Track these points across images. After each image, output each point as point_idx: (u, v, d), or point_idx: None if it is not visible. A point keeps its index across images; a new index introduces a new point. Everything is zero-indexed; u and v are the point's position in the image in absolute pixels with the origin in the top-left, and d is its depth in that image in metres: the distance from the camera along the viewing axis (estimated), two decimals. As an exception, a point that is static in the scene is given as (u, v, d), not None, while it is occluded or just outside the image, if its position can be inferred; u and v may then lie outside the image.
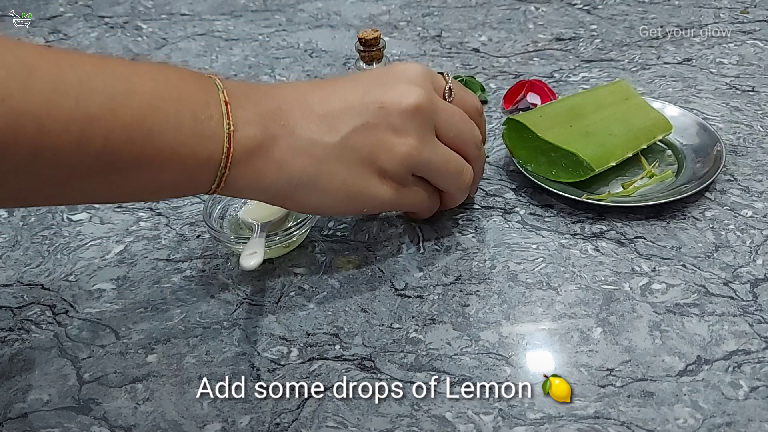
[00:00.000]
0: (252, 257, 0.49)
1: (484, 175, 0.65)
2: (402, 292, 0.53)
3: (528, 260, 0.55)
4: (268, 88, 0.43)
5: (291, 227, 0.55)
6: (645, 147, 0.64)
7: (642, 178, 0.62)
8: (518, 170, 0.63)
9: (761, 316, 0.49)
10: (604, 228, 0.58)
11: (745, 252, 0.55)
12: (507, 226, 0.59)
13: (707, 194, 0.60)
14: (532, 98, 0.73)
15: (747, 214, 0.58)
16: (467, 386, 0.46)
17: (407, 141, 0.44)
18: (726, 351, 0.47)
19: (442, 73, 0.49)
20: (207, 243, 0.59)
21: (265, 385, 0.47)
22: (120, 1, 1.07)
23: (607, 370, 0.46)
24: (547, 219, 0.59)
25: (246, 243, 0.53)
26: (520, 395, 0.45)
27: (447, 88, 0.48)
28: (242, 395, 0.46)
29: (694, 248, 0.55)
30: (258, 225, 0.54)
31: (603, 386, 0.45)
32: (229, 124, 0.39)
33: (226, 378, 0.47)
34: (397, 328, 0.50)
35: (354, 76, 0.45)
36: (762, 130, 0.68)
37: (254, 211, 0.57)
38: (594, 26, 0.91)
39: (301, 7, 1.01)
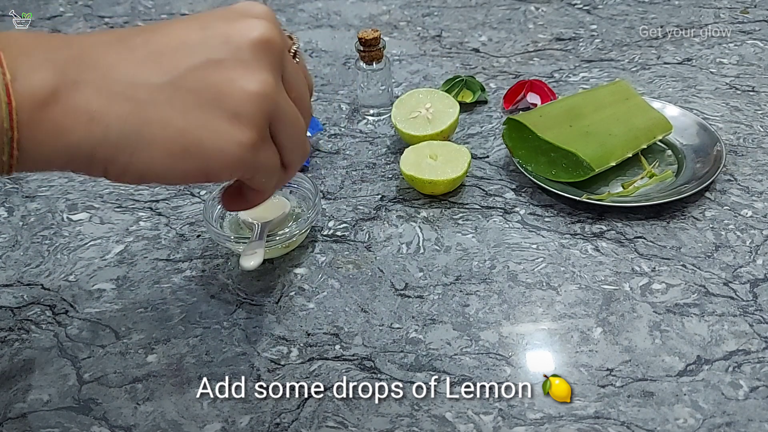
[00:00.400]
0: (252, 257, 0.49)
1: (484, 175, 0.65)
2: (402, 292, 0.53)
3: (528, 260, 0.55)
4: (72, 36, 0.35)
5: (291, 227, 0.55)
6: (645, 147, 0.64)
7: (642, 178, 0.62)
8: (518, 170, 0.63)
9: (761, 316, 0.49)
10: (604, 228, 0.58)
11: (745, 252, 0.55)
12: (507, 226, 0.59)
13: (707, 194, 0.60)
14: (532, 98, 0.73)
15: (747, 214, 0.58)
16: (467, 386, 0.46)
17: (261, 76, 0.36)
18: (726, 351, 0.47)
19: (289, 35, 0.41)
20: (207, 243, 0.59)
21: (265, 385, 0.47)
22: (120, 1, 1.07)
23: (607, 370, 0.46)
24: (547, 219, 0.59)
25: (246, 243, 0.53)
26: (520, 395, 0.45)
27: (295, 48, 0.40)
28: (242, 395, 0.46)
29: (694, 248, 0.55)
30: (258, 225, 0.54)
31: (603, 386, 0.45)
32: (3, 73, 0.31)
33: (226, 378, 0.47)
34: (397, 328, 0.50)
35: (189, 16, 0.37)
36: (762, 130, 0.68)
37: (254, 211, 0.57)
38: (594, 26, 0.91)
39: (301, 7, 1.01)
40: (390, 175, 0.66)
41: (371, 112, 0.75)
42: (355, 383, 0.46)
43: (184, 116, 0.35)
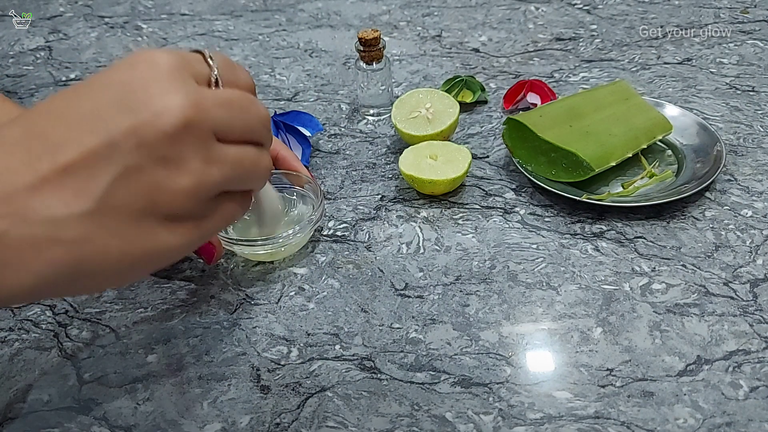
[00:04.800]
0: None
1: (484, 175, 0.65)
2: (402, 292, 0.53)
3: (528, 260, 0.55)
4: None
5: (295, 229, 0.55)
6: (645, 147, 0.64)
7: (642, 178, 0.62)
8: (518, 170, 0.63)
9: (761, 316, 0.49)
10: (604, 228, 0.58)
11: (745, 252, 0.55)
12: (507, 226, 0.59)
13: (707, 194, 0.60)
14: (532, 98, 0.73)
15: (747, 214, 0.58)
16: (467, 386, 0.46)
17: (189, 169, 0.32)
18: (726, 351, 0.47)
19: (199, 52, 0.35)
20: (207, 243, 0.59)
21: (265, 385, 0.47)
22: (120, 1, 1.07)
23: (607, 370, 0.46)
24: (547, 219, 0.59)
25: (245, 243, 0.53)
26: (520, 395, 0.45)
27: (214, 77, 0.35)
28: (242, 395, 0.46)
29: (694, 248, 0.55)
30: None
31: (603, 386, 0.45)
32: None
33: (226, 378, 0.47)
34: (397, 328, 0.50)
35: (74, 94, 0.31)
36: (762, 130, 0.68)
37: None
38: (594, 26, 0.91)
39: (301, 7, 1.01)
40: (390, 175, 0.66)
41: (371, 112, 0.75)
42: (355, 383, 0.46)
43: (120, 238, 0.31)
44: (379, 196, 0.63)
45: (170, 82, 0.31)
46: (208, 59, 0.35)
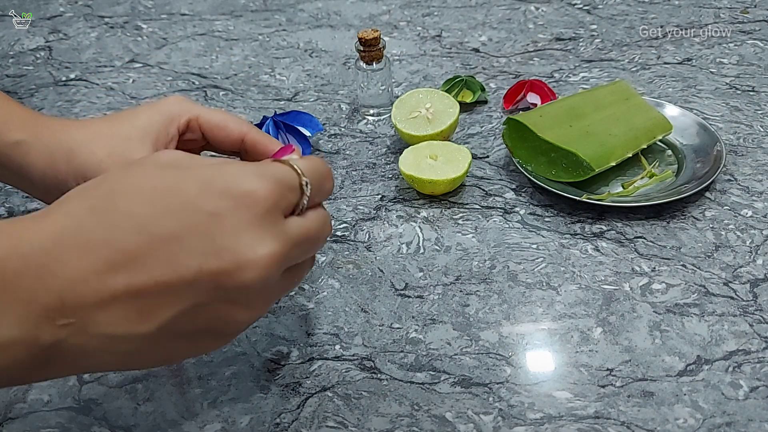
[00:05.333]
0: None
1: (484, 175, 0.65)
2: (402, 292, 0.53)
3: (528, 260, 0.55)
4: (39, 268, 0.28)
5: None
6: (645, 147, 0.64)
7: (642, 178, 0.62)
8: (518, 170, 0.63)
9: (761, 316, 0.49)
10: (604, 228, 0.58)
11: (745, 252, 0.55)
12: (507, 226, 0.59)
13: (707, 194, 0.60)
14: (532, 98, 0.73)
15: (747, 214, 0.58)
16: (467, 386, 0.46)
17: (251, 309, 0.32)
18: (726, 351, 0.47)
19: (295, 170, 0.33)
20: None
21: (265, 385, 0.47)
22: (120, 1, 1.07)
23: (607, 370, 0.46)
24: (547, 219, 0.59)
25: None
26: (520, 395, 0.45)
27: (303, 203, 0.34)
28: (242, 395, 0.46)
29: (694, 248, 0.55)
30: None
31: (603, 386, 0.45)
32: None
33: (226, 378, 0.47)
34: (397, 328, 0.50)
35: (161, 202, 0.30)
36: (762, 130, 0.68)
37: None
38: (594, 26, 0.91)
39: (301, 7, 1.01)
40: (390, 175, 0.66)
41: (371, 112, 0.75)
42: (355, 383, 0.46)
43: (169, 352, 0.32)
44: (379, 196, 0.63)
45: (262, 229, 0.30)
46: (303, 186, 0.34)
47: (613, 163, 0.61)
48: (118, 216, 0.29)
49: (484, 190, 0.63)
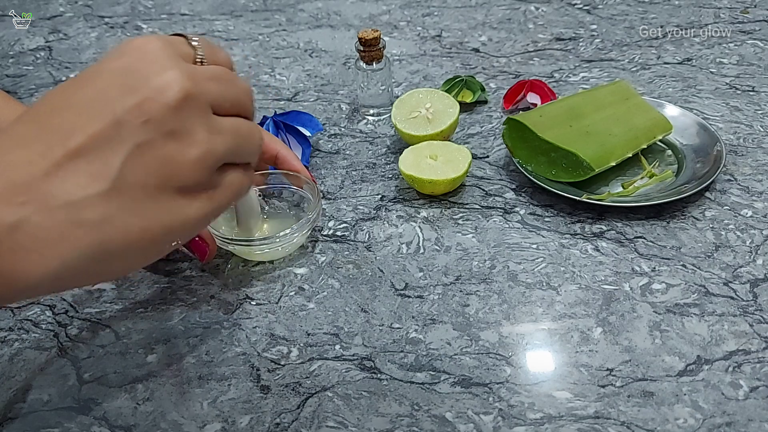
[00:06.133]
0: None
1: (484, 175, 0.65)
2: (402, 292, 0.53)
3: (528, 260, 0.55)
4: None
5: (292, 228, 0.55)
6: (645, 147, 0.64)
7: (642, 178, 0.62)
8: (518, 170, 0.63)
9: (761, 316, 0.49)
10: (604, 228, 0.58)
11: (745, 252, 0.55)
12: (507, 226, 0.59)
13: (707, 194, 0.60)
14: (532, 98, 0.73)
15: (747, 214, 0.58)
16: (467, 386, 0.46)
17: (196, 139, 0.33)
18: (726, 351, 0.47)
19: (180, 35, 0.37)
20: (207, 243, 0.59)
21: (265, 385, 0.47)
22: (120, 1, 1.07)
23: (607, 370, 0.46)
24: (547, 219, 0.59)
25: (244, 243, 0.53)
26: (520, 395, 0.45)
27: (198, 57, 0.36)
28: (242, 395, 0.46)
29: (694, 248, 0.55)
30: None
31: (603, 386, 0.45)
32: None
33: (226, 378, 0.47)
34: (397, 328, 0.50)
35: (75, 85, 0.32)
36: (762, 130, 0.68)
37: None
38: (594, 26, 0.91)
39: (301, 7, 1.01)
40: (390, 175, 0.66)
41: (371, 112, 0.75)
42: (355, 383, 0.46)
43: (139, 215, 0.32)
44: (379, 196, 0.63)
45: (164, 61, 0.33)
46: (192, 41, 0.37)
47: (613, 163, 0.61)
48: (42, 109, 0.32)
49: (484, 190, 0.63)
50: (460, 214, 0.60)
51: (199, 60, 0.37)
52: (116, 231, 0.32)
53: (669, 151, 0.66)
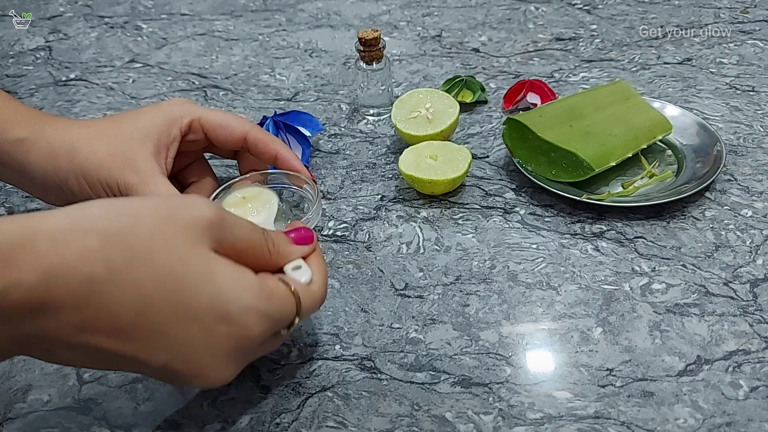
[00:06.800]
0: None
1: (484, 175, 0.65)
2: (402, 292, 0.53)
3: (528, 260, 0.55)
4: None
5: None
6: (645, 147, 0.64)
7: (642, 178, 0.62)
8: (518, 170, 0.63)
9: (761, 316, 0.49)
10: (604, 228, 0.58)
11: (745, 252, 0.55)
12: (507, 226, 0.59)
13: (707, 194, 0.60)
14: (532, 98, 0.73)
15: (747, 214, 0.58)
16: (467, 386, 0.46)
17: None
18: (726, 351, 0.47)
19: (297, 312, 0.38)
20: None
21: (265, 385, 0.47)
22: (120, 1, 1.07)
23: (607, 370, 0.46)
24: (547, 219, 0.59)
25: None
26: (520, 395, 0.45)
27: (295, 323, 0.38)
28: (242, 395, 0.46)
29: (694, 248, 0.55)
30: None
31: (603, 386, 0.45)
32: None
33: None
34: (397, 328, 0.50)
35: (164, 288, 0.32)
36: (762, 130, 0.68)
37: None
38: (594, 26, 0.91)
39: (301, 7, 1.01)
40: (390, 175, 0.66)
41: (371, 112, 0.75)
42: (355, 383, 0.46)
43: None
44: (379, 196, 0.63)
45: (236, 361, 0.36)
46: (294, 323, 0.38)
47: (613, 163, 0.61)
48: (128, 284, 0.31)
49: (484, 190, 0.63)
50: (460, 214, 0.60)
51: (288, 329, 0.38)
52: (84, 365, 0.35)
53: (669, 151, 0.66)
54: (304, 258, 0.42)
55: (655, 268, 0.54)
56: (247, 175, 0.56)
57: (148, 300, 0.31)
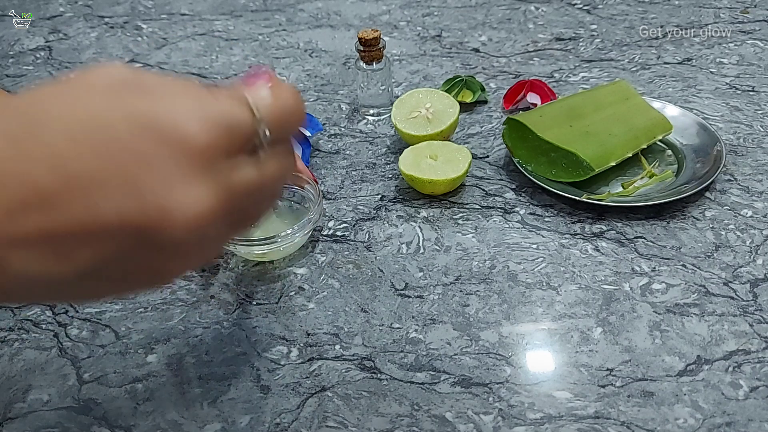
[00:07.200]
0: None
1: (484, 175, 0.65)
2: (402, 292, 0.53)
3: (528, 260, 0.55)
4: None
5: (294, 228, 0.55)
6: (645, 147, 0.64)
7: (642, 178, 0.62)
8: (518, 170, 0.63)
9: (761, 316, 0.49)
10: (604, 228, 0.58)
11: (745, 252, 0.55)
12: (507, 226, 0.59)
13: (707, 194, 0.60)
14: (532, 98, 0.73)
15: (747, 214, 0.58)
16: (467, 386, 0.46)
17: (187, 259, 0.28)
18: (726, 351, 0.47)
19: (256, 119, 0.28)
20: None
21: (265, 385, 0.47)
22: (120, 1, 1.07)
23: (607, 370, 0.46)
24: (547, 219, 0.59)
25: (244, 243, 0.53)
26: (520, 395, 0.45)
27: (261, 134, 0.28)
28: (242, 395, 0.46)
29: (694, 248, 0.55)
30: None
31: (603, 386, 0.45)
32: None
33: (226, 378, 0.47)
34: (397, 328, 0.50)
35: (78, 127, 0.25)
36: (762, 130, 0.68)
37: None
38: (594, 26, 0.91)
39: (301, 7, 1.01)
40: (390, 175, 0.66)
41: (371, 112, 0.75)
42: (355, 383, 0.46)
43: (96, 291, 0.29)
44: (379, 196, 0.63)
45: (197, 180, 0.26)
46: (261, 135, 0.29)
47: (613, 163, 0.61)
48: (35, 147, 0.25)
49: (484, 190, 0.63)
50: (460, 214, 0.60)
51: (260, 144, 0.28)
52: (65, 298, 0.29)
53: (669, 151, 0.66)
54: None
55: (655, 268, 0.54)
56: None
57: (60, 150, 0.25)
